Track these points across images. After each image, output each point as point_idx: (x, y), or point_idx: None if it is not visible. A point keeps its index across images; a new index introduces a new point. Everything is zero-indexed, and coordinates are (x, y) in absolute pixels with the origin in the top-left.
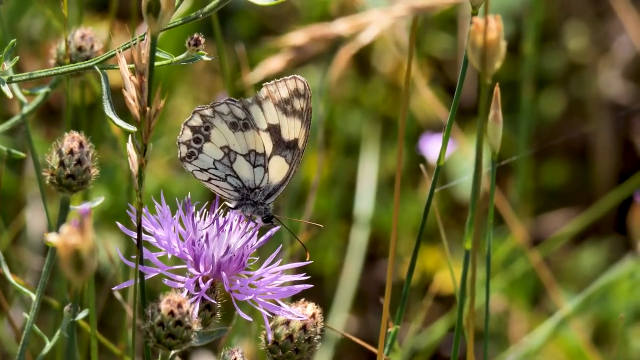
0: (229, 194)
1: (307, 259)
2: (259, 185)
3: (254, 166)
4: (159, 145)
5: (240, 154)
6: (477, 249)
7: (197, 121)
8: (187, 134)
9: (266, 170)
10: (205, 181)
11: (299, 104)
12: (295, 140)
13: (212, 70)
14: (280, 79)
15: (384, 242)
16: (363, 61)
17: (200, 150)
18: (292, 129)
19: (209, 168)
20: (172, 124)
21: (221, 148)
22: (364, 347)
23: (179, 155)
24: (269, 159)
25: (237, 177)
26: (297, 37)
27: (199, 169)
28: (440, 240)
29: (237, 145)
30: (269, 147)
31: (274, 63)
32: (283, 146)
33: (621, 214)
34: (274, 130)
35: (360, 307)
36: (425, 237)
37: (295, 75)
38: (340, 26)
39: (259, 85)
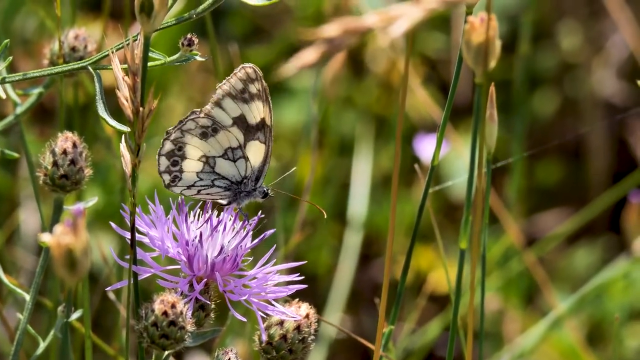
0: (221, 195)
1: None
2: (246, 175)
3: (235, 161)
4: (153, 145)
5: (218, 156)
6: (476, 249)
7: (169, 147)
8: (164, 162)
9: (247, 159)
10: (196, 195)
11: (254, 88)
12: (263, 120)
13: (206, 70)
14: (230, 75)
15: (377, 242)
16: (357, 61)
17: (181, 171)
18: (256, 112)
19: (194, 182)
20: (165, 124)
21: (198, 159)
22: (358, 347)
23: (163, 184)
24: (244, 148)
25: (223, 178)
26: (330, 29)
27: (185, 187)
28: (433, 239)
29: (212, 150)
30: (240, 138)
31: (308, 55)
32: (253, 131)
33: (615, 213)
34: (241, 121)
35: (354, 307)
36: (419, 236)
37: (243, 65)
38: (372, 19)
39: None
